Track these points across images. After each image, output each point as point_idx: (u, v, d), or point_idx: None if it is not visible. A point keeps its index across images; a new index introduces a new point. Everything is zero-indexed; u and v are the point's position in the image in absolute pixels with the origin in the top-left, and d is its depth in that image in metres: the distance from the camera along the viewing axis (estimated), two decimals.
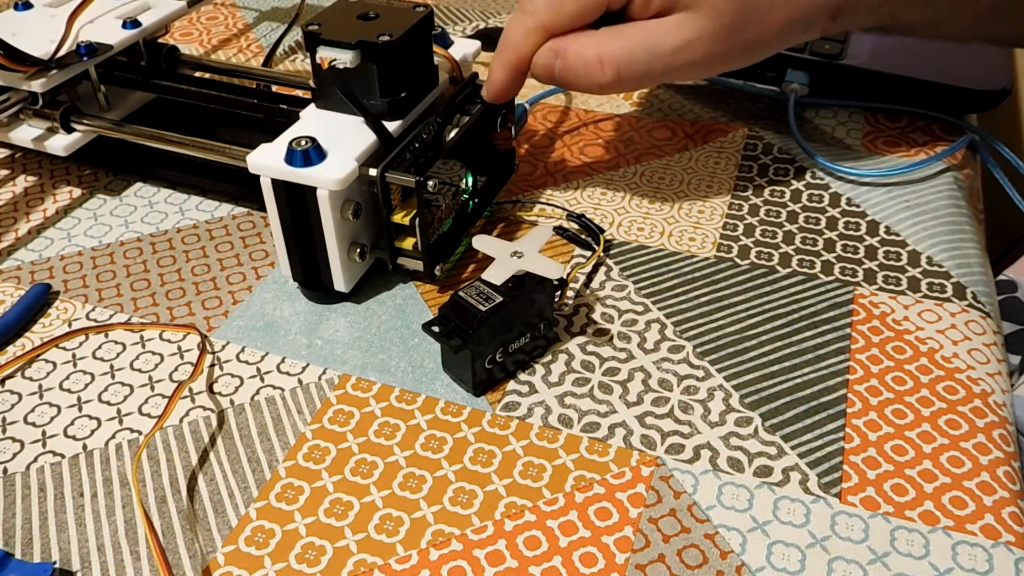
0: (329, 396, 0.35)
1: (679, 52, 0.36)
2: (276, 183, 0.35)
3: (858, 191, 0.45)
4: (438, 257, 0.39)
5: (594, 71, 0.36)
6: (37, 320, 0.39)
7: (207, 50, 0.61)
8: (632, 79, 0.36)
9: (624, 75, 0.36)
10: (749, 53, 0.38)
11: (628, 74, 0.36)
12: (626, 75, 0.36)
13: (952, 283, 0.39)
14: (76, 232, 0.44)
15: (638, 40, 0.36)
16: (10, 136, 0.44)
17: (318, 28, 0.37)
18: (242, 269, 0.41)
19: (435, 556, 0.29)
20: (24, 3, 0.48)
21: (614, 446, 0.33)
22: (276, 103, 0.46)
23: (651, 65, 0.36)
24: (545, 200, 0.45)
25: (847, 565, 0.29)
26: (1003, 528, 0.30)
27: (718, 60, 0.37)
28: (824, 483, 0.31)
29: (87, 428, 0.34)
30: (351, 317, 0.38)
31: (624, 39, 0.36)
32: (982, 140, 0.49)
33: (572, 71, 0.37)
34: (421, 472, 0.32)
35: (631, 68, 0.36)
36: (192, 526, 0.30)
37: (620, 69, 0.36)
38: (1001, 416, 0.33)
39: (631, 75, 0.36)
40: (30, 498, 0.31)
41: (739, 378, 0.35)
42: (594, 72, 0.36)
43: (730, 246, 0.42)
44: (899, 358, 0.36)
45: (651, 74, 0.36)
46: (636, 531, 0.30)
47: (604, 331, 0.37)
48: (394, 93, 0.38)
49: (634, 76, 0.36)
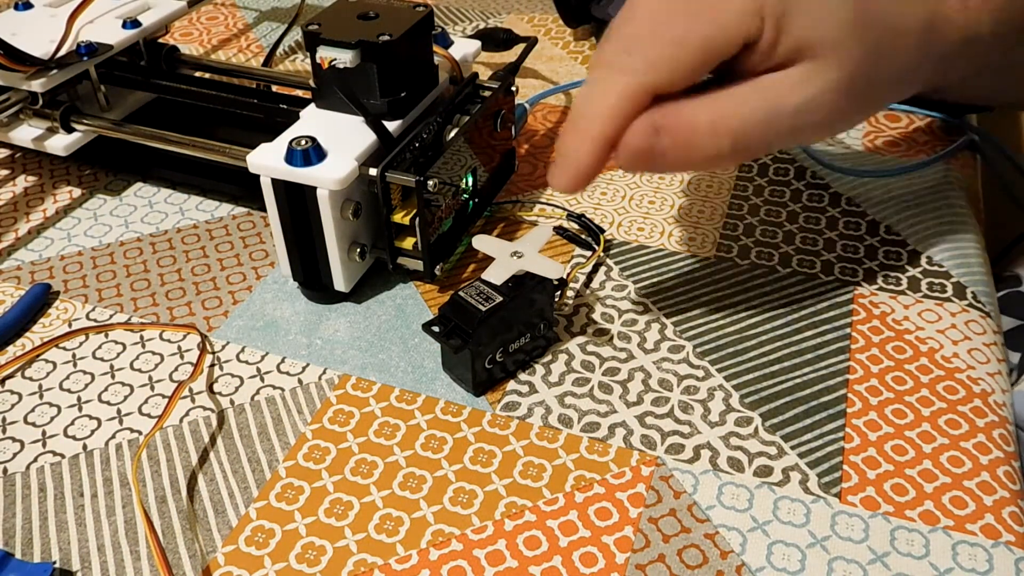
0: (329, 396, 0.35)
1: (802, 112, 0.30)
2: (276, 183, 0.35)
3: (858, 191, 0.45)
4: (438, 257, 0.39)
5: (706, 143, 0.30)
6: (37, 320, 0.39)
7: (207, 50, 0.61)
8: (748, 149, 0.30)
9: (740, 144, 0.30)
10: (871, 106, 0.33)
11: (744, 143, 0.30)
12: (742, 144, 0.30)
13: (952, 283, 0.39)
14: (76, 232, 0.44)
15: (754, 101, 0.30)
16: (10, 136, 0.44)
17: (318, 28, 0.37)
18: (242, 269, 0.41)
19: (435, 556, 0.29)
20: (24, 3, 0.48)
21: (614, 446, 0.32)
22: (276, 103, 0.46)
23: (769, 130, 0.30)
24: (545, 200, 0.45)
25: (847, 565, 0.29)
26: (1003, 528, 0.30)
27: (842, 116, 0.32)
28: (824, 483, 0.31)
29: (87, 428, 0.34)
30: (351, 317, 0.38)
31: (737, 101, 0.30)
32: (982, 140, 0.49)
33: (680, 143, 0.30)
34: (421, 472, 0.32)
35: (748, 136, 0.30)
36: (192, 526, 0.30)
37: (736, 137, 0.30)
38: (1001, 416, 0.33)
39: (747, 144, 0.30)
40: (30, 498, 0.31)
41: (739, 378, 0.35)
42: (705, 144, 0.30)
43: (730, 246, 0.42)
44: (899, 358, 0.36)
45: (768, 141, 0.31)
46: (636, 531, 0.30)
47: (604, 331, 0.37)
48: (394, 93, 0.38)
49: (751, 145, 0.30)
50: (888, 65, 0.31)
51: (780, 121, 0.30)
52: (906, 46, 0.31)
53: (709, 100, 0.30)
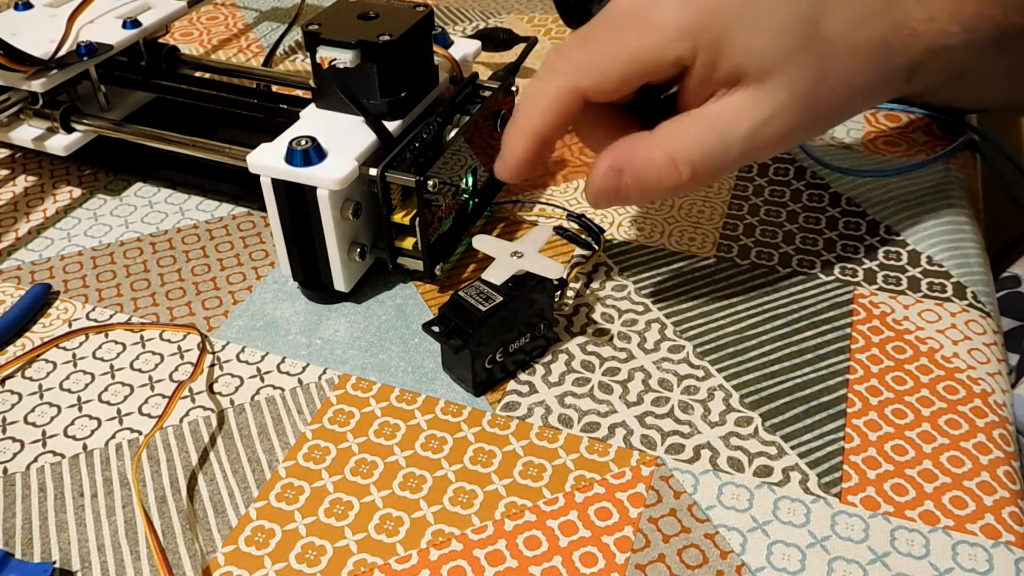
0: (329, 396, 0.35)
1: (754, 135, 0.31)
2: (276, 183, 0.35)
3: (858, 191, 0.45)
4: (438, 257, 0.39)
5: (668, 174, 0.31)
6: (37, 320, 0.39)
7: (207, 50, 0.61)
8: (708, 173, 0.31)
9: (699, 171, 0.31)
10: (827, 121, 0.34)
11: (703, 169, 0.31)
12: (701, 171, 0.31)
13: (952, 283, 0.39)
14: (76, 232, 0.44)
15: (704, 130, 0.31)
16: (10, 136, 0.44)
17: (318, 28, 0.37)
18: (242, 269, 0.41)
19: (435, 556, 0.29)
20: (24, 3, 0.48)
21: (614, 446, 0.33)
22: (276, 103, 0.46)
23: (726, 155, 0.31)
24: (545, 200, 0.45)
25: (847, 565, 0.29)
26: (1003, 528, 0.30)
27: (796, 133, 0.32)
28: (824, 483, 0.31)
29: (87, 428, 0.34)
30: (351, 317, 0.38)
31: (689, 133, 0.31)
32: (982, 140, 0.49)
33: (643, 181, 0.31)
34: (421, 472, 0.32)
35: (706, 163, 0.31)
36: (192, 526, 0.30)
37: (695, 166, 0.31)
38: (1001, 416, 0.33)
39: (706, 170, 0.31)
40: (30, 498, 0.31)
41: (739, 378, 0.35)
42: (668, 175, 0.31)
43: (730, 246, 0.42)
44: (899, 358, 0.36)
45: (727, 164, 0.32)
46: (636, 531, 0.30)
47: (604, 331, 0.37)
48: (394, 93, 0.38)
49: (710, 170, 0.31)
50: (840, 82, 0.32)
51: (733, 147, 0.31)
52: (859, 63, 0.32)
53: (662, 136, 0.31)
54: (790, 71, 0.30)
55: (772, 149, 0.33)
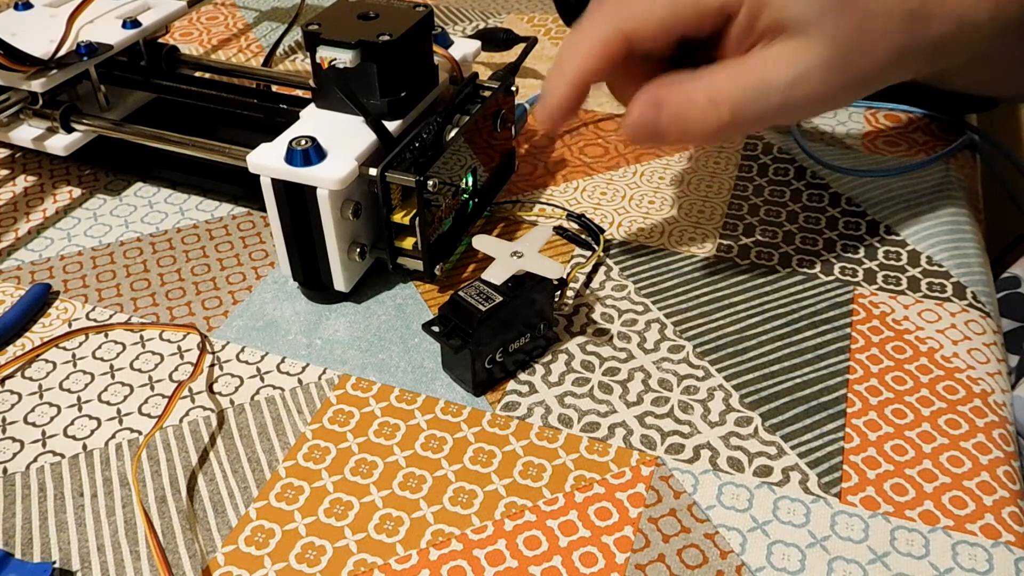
0: (329, 396, 0.35)
1: (794, 86, 0.31)
2: (276, 183, 0.35)
3: (858, 191, 0.45)
4: (438, 257, 0.39)
5: (708, 113, 0.31)
6: (37, 320, 0.39)
7: (207, 50, 0.61)
8: (747, 120, 0.32)
9: (738, 115, 0.31)
10: (857, 87, 0.34)
11: (743, 114, 0.31)
12: (740, 115, 0.31)
13: (952, 283, 0.39)
14: (76, 232, 0.44)
15: (746, 74, 0.31)
16: (10, 136, 0.44)
17: (318, 28, 0.37)
18: (242, 269, 0.41)
19: (435, 556, 0.29)
20: (24, 3, 0.48)
21: (614, 446, 0.33)
22: (276, 103, 0.46)
23: (766, 102, 0.31)
24: (545, 200, 0.45)
25: (847, 565, 0.29)
26: (1003, 528, 0.30)
27: (831, 95, 0.33)
28: (824, 483, 0.31)
29: (87, 428, 0.34)
30: (351, 317, 0.38)
31: (730, 76, 0.32)
32: (982, 140, 0.49)
33: (681, 118, 0.32)
34: (421, 472, 0.32)
35: (745, 107, 0.31)
36: (192, 526, 0.30)
37: (735, 108, 0.31)
38: (1001, 416, 0.33)
39: (746, 115, 0.32)
40: (30, 498, 0.31)
41: (739, 378, 0.35)
42: (707, 115, 0.31)
43: (730, 246, 0.42)
44: (899, 358, 0.36)
45: (766, 113, 0.32)
46: (636, 531, 0.30)
47: (604, 331, 0.37)
48: (394, 93, 0.38)
49: (750, 116, 0.32)
50: (875, 46, 0.32)
51: (773, 95, 0.31)
52: (894, 26, 0.32)
53: (705, 76, 0.32)
54: (831, 25, 0.31)
55: (808, 108, 0.33)
